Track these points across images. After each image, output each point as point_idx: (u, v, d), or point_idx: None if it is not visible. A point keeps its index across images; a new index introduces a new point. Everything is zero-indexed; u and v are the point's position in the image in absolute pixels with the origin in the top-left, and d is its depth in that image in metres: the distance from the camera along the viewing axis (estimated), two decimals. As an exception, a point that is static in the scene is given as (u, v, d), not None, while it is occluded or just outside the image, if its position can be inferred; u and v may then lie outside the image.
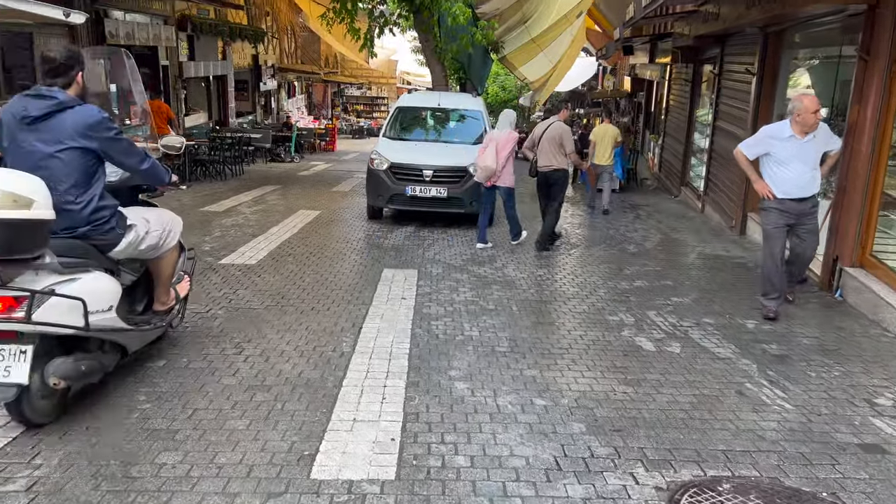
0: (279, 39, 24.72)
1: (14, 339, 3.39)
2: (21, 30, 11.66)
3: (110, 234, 3.88)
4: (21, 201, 3.22)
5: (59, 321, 3.43)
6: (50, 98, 3.68)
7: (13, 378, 3.36)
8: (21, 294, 3.29)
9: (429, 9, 12.78)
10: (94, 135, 3.71)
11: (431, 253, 8.29)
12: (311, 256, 7.88)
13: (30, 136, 3.64)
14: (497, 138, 8.47)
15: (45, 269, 3.46)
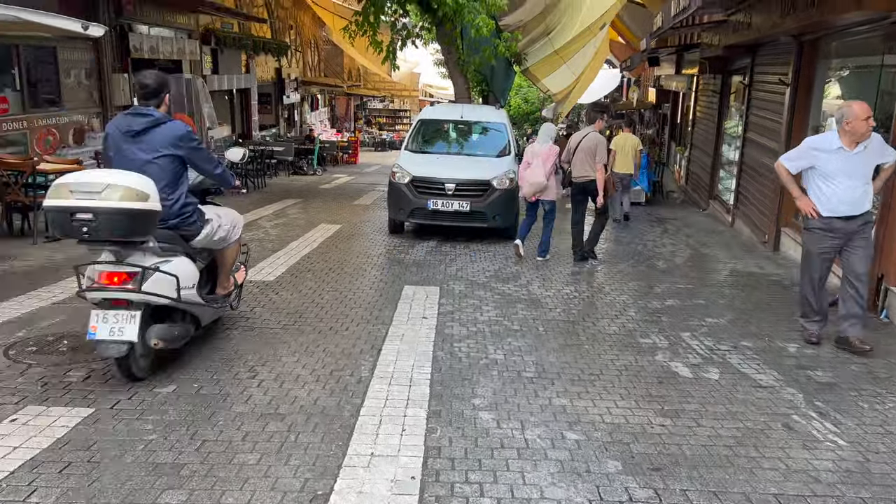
0: (303, 53, 24.71)
1: (126, 305, 4.17)
2: (44, 44, 11.64)
3: (193, 226, 4.65)
4: (140, 195, 3.98)
5: (160, 293, 4.23)
6: (147, 115, 4.41)
7: (126, 336, 4.11)
8: (134, 269, 4.15)
9: (451, 21, 12.56)
10: (182, 145, 4.47)
11: (454, 269, 8.00)
12: (331, 273, 7.63)
13: (132, 146, 4.39)
14: (539, 152, 8.34)
15: (150, 251, 4.31)
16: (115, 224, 3.94)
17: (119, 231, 3.99)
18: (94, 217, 3.89)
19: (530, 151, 8.53)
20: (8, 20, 6.00)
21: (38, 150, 11.18)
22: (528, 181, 8.39)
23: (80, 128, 12.28)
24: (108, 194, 3.89)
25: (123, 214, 3.93)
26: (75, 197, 3.93)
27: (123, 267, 4.17)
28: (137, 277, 4.14)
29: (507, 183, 9.53)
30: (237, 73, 18.93)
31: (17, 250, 7.99)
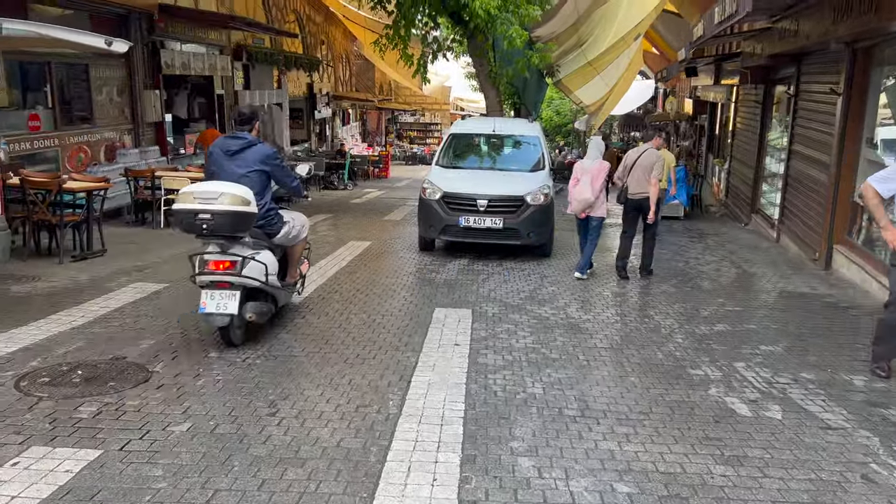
0: (334, 67, 24.63)
1: (228, 287, 5.13)
2: (76, 61, 11.57)
3: (275, 227, 5.68)
4: (244, 201, 5.04)
5: (254, 277, 5.24)
6: (242, 139, 5.51)
7: (229, 310, 5.10)
8: (236, 258, 5.15)
9: (483, 32, 12.23)
10: (269, 162, 5.55)
11: (486, 290, 7.60)
12: (359, 294, 7.29)
13: (231, 163, 5.45)
14: (589, 169, 8.11)
15: (246, 245, 5.34)
16: (225, 223, 5.01)
17: (227, 228, 5.07)
18: (211, 217, 4.96)
19: (580, 167, 8.27)
20: (29, 36, 5.81)
21: (69, 167, 11.09)
22: (576, 198, 8.14)
23: (112, 145, 12.19)
24: (221, 200, 4.95)
25: (232, 215, 5.01)
26: (198, 202, 4.97)
27: (227, 256, 5.17)
28: (238, 265, 5.16)
29: (541, 198, 9.12)
30: (269, 89, 18.83)
31: (41, 270, 7.81)
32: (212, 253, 5.21)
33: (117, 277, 7.60)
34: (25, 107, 10.74)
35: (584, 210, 8.16)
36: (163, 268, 8.18)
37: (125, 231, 10.54)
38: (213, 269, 5.14)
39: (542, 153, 10.18)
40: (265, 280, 5.38)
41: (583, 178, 8.11)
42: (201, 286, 5.21)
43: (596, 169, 8.06)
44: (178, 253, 9.02)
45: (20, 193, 8.20)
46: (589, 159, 8.27)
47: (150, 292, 7.02)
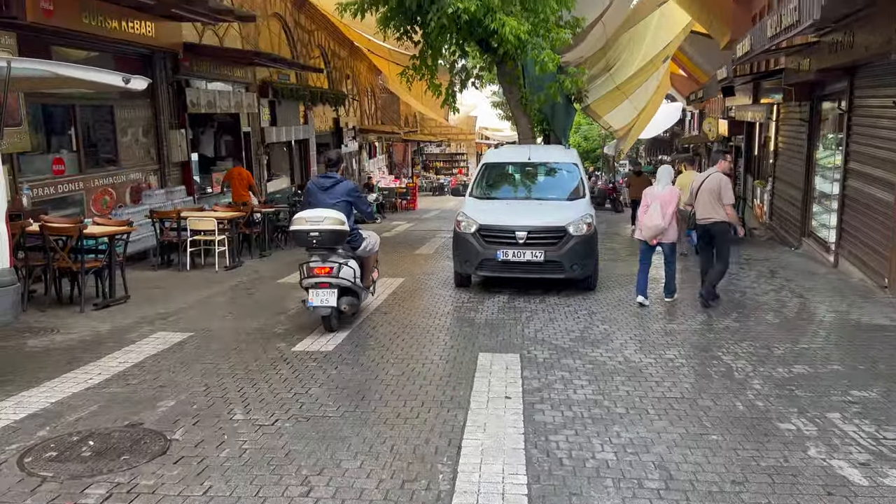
0: (360, 101, 24.40)
1: (328, 287, 6.55)
2: (101, 103, 11.30)
3: (358, 241, 7.12)
4: (341, 222, 6.64)
5: (346, 278, 6.62)
6: (333, 178, 7.08)
7: (330, 303, 6.54)
8: (333, 264, 6.60)
9: (514, 58, 11.75)
10: (352, 194, 7.03)
11: (532, 330, 6.96)
12: (396, 338, 6.69)
13: (324, 195, 6.93)
14: (659, 195, 7.94)
15: (339, 255, 6.74)
16: (328, 238, 6.66)
17: (329, 242, 6.69)
18: (319, 234, 6.61)
19: (650, 194, 8.07)
20: (42, 76, 5.41)
21: (94, 210, 10.74)
22: (647, 225, 7.91)
23: (138, 186, 11.85)
24: (325, 222, 6.61)
25: (332, 233, 6.65)
26: (308, 224, 6.65)
27: (327, 263, 6.67)
28: (335, 269, 6.63)
29: (584, 228, 8.50)
30: (295, 125, 18.56)
31: (61, 321, 7.35)
32: (316, 261, 6.73)
33: (139, 327, 7.11)
34: (50, 151, 10.44)
35: (655, 237, 7.91)
36: (187, 314, 7.68)
37: (150, 275, 10.11)
38: (317, 273, 6.65)
39: (580, 180, 9.58)
40: (353, 281, 6.82)
41: (653, 204, 7.90)
42: (307, 287, 6.69)
43: (667, 195, 7.88)
44: (202, 297, 8.53)
45: (40, 240, 7.80)
46: (659, 185, 8.07)
47: (172, 343, 6.50)
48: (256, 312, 7.79)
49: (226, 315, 7.68)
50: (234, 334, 6.86)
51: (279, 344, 6.49)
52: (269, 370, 5.72)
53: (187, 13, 11.09)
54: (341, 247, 6.86)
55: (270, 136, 16.76)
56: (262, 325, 7.25)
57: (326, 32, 20.78)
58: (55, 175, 10.10)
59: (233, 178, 13.36)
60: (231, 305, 8.19)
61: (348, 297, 6.84)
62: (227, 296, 8.75)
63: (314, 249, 6.74)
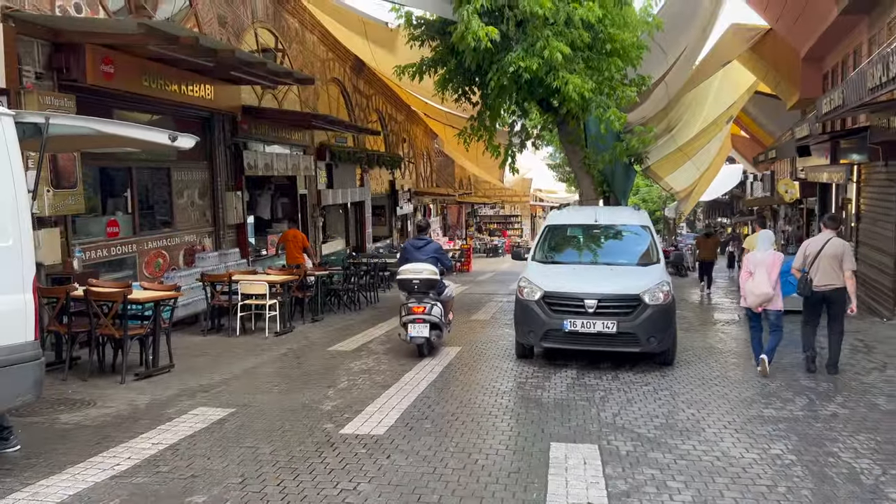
0: (415, 164, 24.24)
1: (423, 322, 8.20)
2: (158, 165, 11.15)
3: (442, 289, 8.80)
4: (434, 273, 8.49)
5: (436, 316, 8.30)
6: (424, 239, 9.13)
7: (424, 334, 8.21)
8: (427, 304, 8.30)
9: (576, 118, 11.18)
10: (438, 252, 8.93)
11: (609, 414, 6.09)
12: (454, 420, 5.92)
13: (418, 253, 8.79)
14: (763, 261, 7.59)
15: (430, 298, 8.44)
16: (425, 285, 8.46)
17: (426, 288, 8.46)
18: (420, 282, 8.43)
19: (752, 260, 7.74)
20: (86, 133, 5.04)
21: (147, 273, 10.44)
22: (753, 292, 7.60)
23: (192, 249, 11.57)
24: (424, 273, 8.44)
25: (429, 281, 8.48)
26: (412, 274, 8.51)
27: (423, 303, 8.30)
28: (428, 308, 8.27)
29: (661, 297, 7.66)
30: (351, 187, 18.33)
31: (99, 392, 6.84)
32: (414, 302, 8.37)
33: (179, 401, 6.53)
34: (105, 213, 10.26)
35: (761, 304, 7.59)
36: (231, 387, 7.08)
37: (198, 341, 9.63)
38: (415, 311, 8.28)
39: (653, 244, 8.77)
40: (440, 318, 8.42)
41: (757, 270, 7.59)
42: (405, 323, 8.36)
43: (770, 261, 7.57)
44: (249, 367, 7.96)
45: (84, 305, 7.40)
46: (760, 251, 7.73)
47: (212, 421, 5.88)
48: (304, 385, 7.15)
49: (272, 388, 7.06)
50: (278, 411, 6.20)
51: (326, 425, 5.80)
52: (313, 458, 5.02)
53: (246, 76, 10.95)
54: (433, 292, 8.57)
55: (327, 199, 16.51)
56: (310, 400, 6.58)
57: (384, 97, 20.77)
58: (109, 237, 9.86)
59: (287, 240, 13.01)
60: (278, 377, 7.58)
61: (436, 330, 8.49)
62: (274, 365, 8.16)
63: (414, 293, 8.53)
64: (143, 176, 11.01)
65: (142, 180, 10.96)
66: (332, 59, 16.97)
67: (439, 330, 8.53)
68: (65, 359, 7.53)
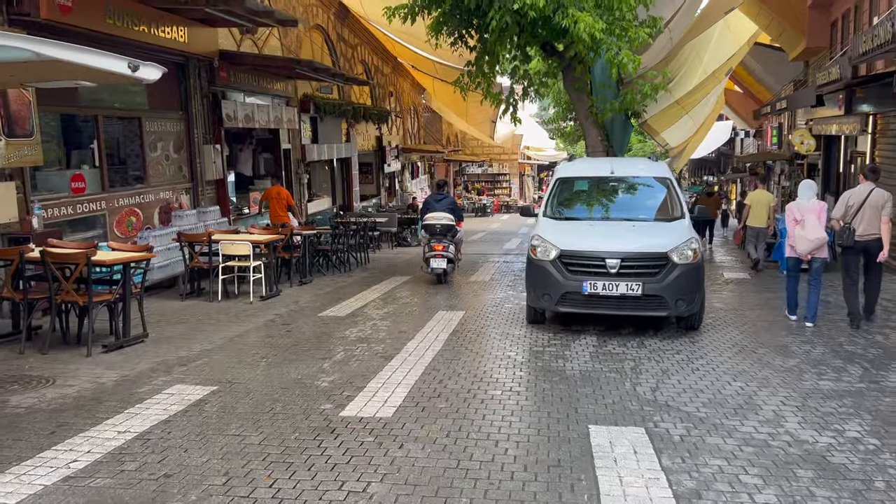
0: (402, 119, 23.07)
1: (442, 257, 10.22)
2: (127, 114, 10.03)
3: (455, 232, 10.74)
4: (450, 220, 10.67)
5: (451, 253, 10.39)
6: (442, 195, 11.20)
7: (443, 266, 10.27)
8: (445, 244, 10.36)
9: (584, 62, 10.17)
10: (453, 205, 11.07)
11: (646, 388, 5.29)
12: (471, 399, 5.08)
13: (437, 206, 10.83)
14: (811, 208, 7.35)
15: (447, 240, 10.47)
16: (444, 229, 10.45)
17: (445, 231, 10.43)
18: (441, 227, 10.42)
19: (796, 208, 7.49)
20: (23, 57, 4.01)
21: (118, 232, 9.41)
22: (807, 238, 7.32)
23: (167, 206, 10.51)
24: (444, 220, 10.52)
25: (448, 226, 10.50)
26: (435, 220, 10.52)
27: (442, 243, 10.32)
28: (446, 247, 10.29)
29: (690, 255, 6.83)
30: (337, 142, 17.20)
31: (61, 367, 5.90)
32: (435, 242, 10.34)
33: (153, 377, 5.62)
34: (69, 166, 9.16)
35: (812, 251, 7.35)
36: (213, 360, 6.17)
37: (177, 306, 8.68)
38: (436, 249, 10.24)
39: (676, 197, 7.91)
40: (453, 255, 10.46)
41: (807, 217, 7.34)
42: (428, 258, 10.30)
43: (818, 208, 7.37)
44: (233, 336, 7.04)
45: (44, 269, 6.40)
46: (804, 199, 7.52)
47: (190, 402, 4.99)
48: (296, 357, 6.26)
49: (258, 361, 6.16)
50: (267, 389, 5.32)
51: (325, 405, 4.93)
52: (311, 448, 4.16)
53: (222, 13, 9.77)
54: (449, 234, 10.50)
55: (312, 154, 15.40)
56: (303, 374, 5.71)
57: (370, 47, 19.51)
58: (74, 193, 8.78)
59: (271, 197, 11.97)
60: (265, 347, 6.68)
61: (451, 263, 10.48)
62: (261, 333, 7.25)
63: (436, 235, 10.45)
64: (112, 127, 9.89)
65: (110, 131, 9.83)
66: (315, 3, 15.69)
67: (452, 263, 10.67)
68: (22, 329, 6.57)
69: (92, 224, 9.18)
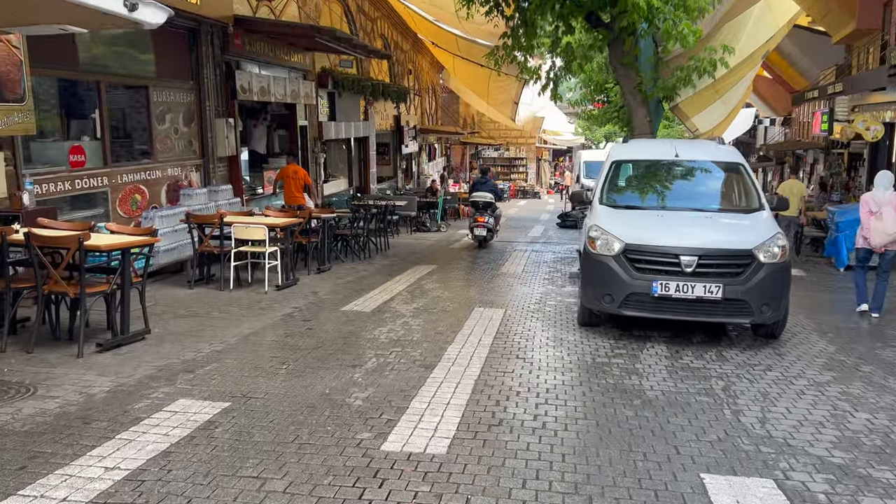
0: (421, 99, 21.93)
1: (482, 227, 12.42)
2: (133, 83, 8.98)
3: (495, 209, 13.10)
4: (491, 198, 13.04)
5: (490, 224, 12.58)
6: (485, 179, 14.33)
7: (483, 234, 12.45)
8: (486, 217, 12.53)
9: (634, 34, 9.07)
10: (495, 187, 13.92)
11: (752, 418, 4.26)
12: (539, 427, 4.07)
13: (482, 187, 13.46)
14: (889, 200, 6.96)
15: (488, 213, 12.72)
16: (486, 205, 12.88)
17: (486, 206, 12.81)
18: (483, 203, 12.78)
19: (872, 200, 7.10)
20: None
21: (121, 212, 8.40)
22: (885, 231, 6.97)
23: (175, 184, 9.50)
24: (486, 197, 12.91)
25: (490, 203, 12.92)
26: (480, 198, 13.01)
27: (484, 216, 12.39)
28: (487, 219, 12.33)
29: (778, 253, 5.79)
30: (355, 120, 16.10)
31: (47, 369, 4.92)
32: (479, 215, 12.45)
33: (153, 387, 4.63)
34: (68, 138, 8.14)
35: (887, 244, 7.06)
36: (224, 364, 5.18)
37: (184, 295, 7.69)
38: (479, 221, 12.30)
39: (753, 186, 6.84)
40: (493, 227, 12.59)
41: (884, 209, 6.97)
42: (472, 227, 12.43)
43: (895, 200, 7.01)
44: (246, 334, 6.04)
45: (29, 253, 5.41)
46: (880, 190, 7.12)
47: (196, 425, 4.00)
48: (321, 363, 5.27)
49: (277, 368, 5.16)
50: (290, 407, 4.33)
51: (362, 433, 3.93)
52: (352, 500, 3.17)
53: (238, -29, 8.67)
54: (490, 209, 12.59)
55: (329, 132, 14.31)
56: (331, 387, 4.72)
57: (389, 21, 18.33)
58: (73, 168, 7.76)
59: (287, 177, 10.94)
60: (285, 349, 5.68)
61: (490, 233, 12.43)
62: (279, 331, 6.26)
63: (479, 210, 12.61)
64: (116, 96, 8.84)
65: (114, 101, 8.79)
66: (335, -29, 14.53)
67: (492, 232, 12.69)
68: (4, 323, 5.58)
69: (92, 202, 8.17)
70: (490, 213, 12.64)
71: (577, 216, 18.36)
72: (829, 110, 13.75)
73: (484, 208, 12.69)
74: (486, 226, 12.31)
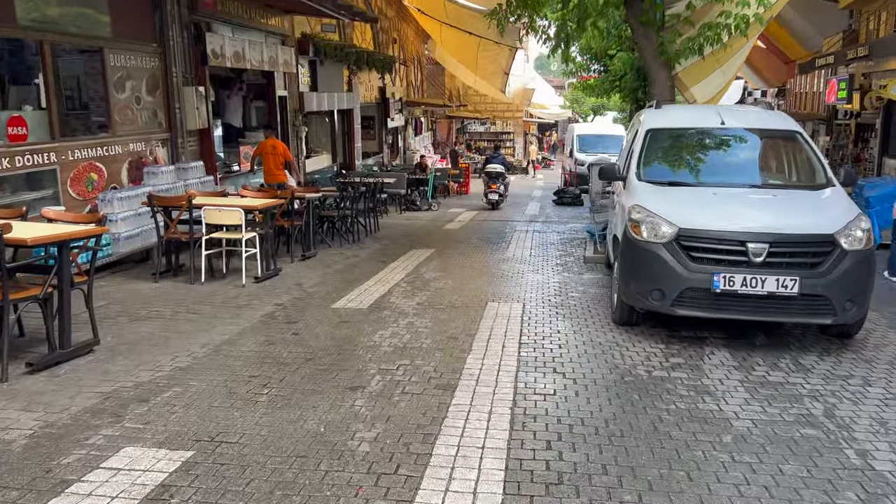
0: (406, 70, 20.53)
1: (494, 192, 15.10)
2: (84, 44, 7.60)
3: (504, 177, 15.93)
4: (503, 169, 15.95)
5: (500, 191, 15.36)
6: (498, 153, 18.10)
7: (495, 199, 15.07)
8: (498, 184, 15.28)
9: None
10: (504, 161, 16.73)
11: (886, 462, 3.20)
12: (616, 487, 2.97)
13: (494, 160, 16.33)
14: None
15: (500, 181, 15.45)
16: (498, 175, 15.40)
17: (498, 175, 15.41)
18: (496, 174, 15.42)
19: None
20: None
21: (74, 193, 7.12)
22: None
23: (139, 161, 8.19)
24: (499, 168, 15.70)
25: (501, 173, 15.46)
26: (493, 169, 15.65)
27: (496, 182, 15.11)
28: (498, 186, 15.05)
29: (862, 239, 4.71)
30: (338, 91, 14.73)
31: (13, 386, 3.71)
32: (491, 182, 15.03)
33: (93, 428, 3.45)
34: (6, 108, 6.81)
35: None
36: (189, 388, 3.99)
37: (146, 290, 6.45)
38: (492, 187, 14.89)
39: (817, 158, 5.73)
40: (503, 192, 15.20)
41: None
42: (486, 193, 14.94)
43: None
44: (218, 343, 4.84)
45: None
46: None
47: (146, 492, 2.83)
48: (311, 384, 4.11)
49: (258, 391, 3.99)
50: (273, 458, 3.17)
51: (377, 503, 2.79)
52: None
53: None
54: (501, 178, 15.14)
55: (311, 104, 12.95)
56: (327, 421, 3.57)
57: (373, -14, 16.85)
58: (11, 142, 6.45)
59: (265, 152, 9.65)
60: (266, 364, 4.50)
61: (501, 197, 15.01)
62: (258, 338, 5.07)
63: (492, 178, 15.09)
64: (66, 59, 7.49)
65: (64, 66, 7.44)
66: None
67: (502, 198, 15.12)
68: None
69: (37, 182, 6.88)
70: (501, 181, 15.32)
71: (573, 192, 17.25)
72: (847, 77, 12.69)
73: (496, 178, 15.26)
74: (497, 192, 15.02)
